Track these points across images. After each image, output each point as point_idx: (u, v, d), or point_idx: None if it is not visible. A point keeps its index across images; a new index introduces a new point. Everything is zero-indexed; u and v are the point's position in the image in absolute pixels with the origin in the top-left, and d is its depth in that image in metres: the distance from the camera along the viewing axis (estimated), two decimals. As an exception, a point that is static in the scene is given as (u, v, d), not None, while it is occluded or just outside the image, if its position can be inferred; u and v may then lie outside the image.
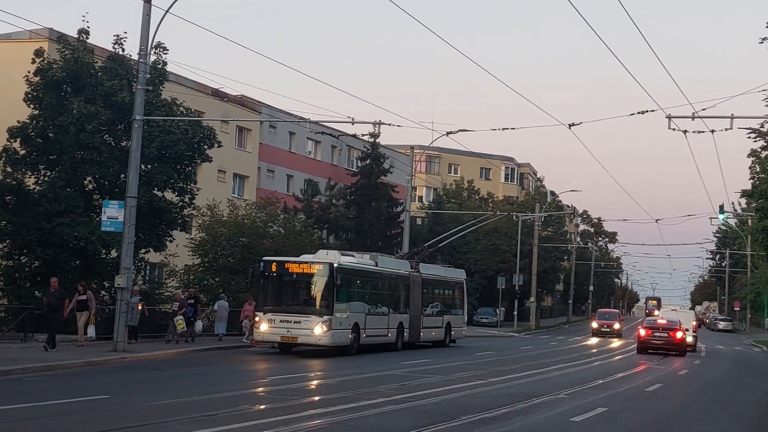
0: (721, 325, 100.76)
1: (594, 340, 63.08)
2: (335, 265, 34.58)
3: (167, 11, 29.94)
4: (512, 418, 18.43)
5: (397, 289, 40.88)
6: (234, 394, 20.23)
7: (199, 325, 38.35)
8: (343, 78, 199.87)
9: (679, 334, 46.32)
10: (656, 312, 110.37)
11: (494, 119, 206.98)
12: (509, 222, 79.60)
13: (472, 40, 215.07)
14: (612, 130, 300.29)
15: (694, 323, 56.77)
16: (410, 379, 25.56)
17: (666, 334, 46.36)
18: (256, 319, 35.07)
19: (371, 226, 68.09)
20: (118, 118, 36.14)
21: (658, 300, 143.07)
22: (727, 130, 32.44)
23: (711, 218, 70.45)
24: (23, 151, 36.35)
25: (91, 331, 33.08)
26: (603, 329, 71.12)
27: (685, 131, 33.45)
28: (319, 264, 34.94)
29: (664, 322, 48.21)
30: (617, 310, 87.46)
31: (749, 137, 45.54)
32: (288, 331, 34.13)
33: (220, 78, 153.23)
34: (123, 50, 37.23)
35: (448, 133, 45.87)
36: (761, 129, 44.03)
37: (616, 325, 72.26)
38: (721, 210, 60.09)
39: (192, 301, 37.77)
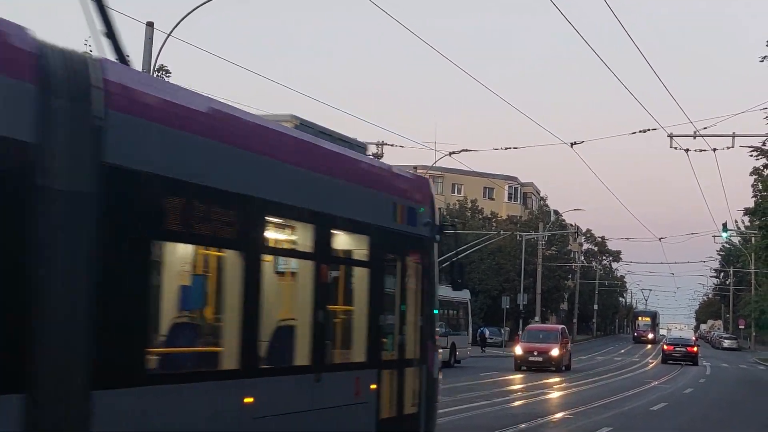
0: (726, 343, 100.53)
1: (518, 376, 40.35)
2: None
3: (169, 34, 29.93)
4: (517, 439, 18.32)
5: (401, 310, 40.64)
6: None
7: None
8: (346, 99, 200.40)
9: (694, 349, 62.11)
10: (650, 335, 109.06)
11: (497, 139, 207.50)
12: (513, 241, 79.55)
13: (475, 60, 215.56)
14: (614, 149, 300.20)
15: (694, 338, 73.99)
16: (415, 400, 25.40)
17: (684, 349, 61.88)
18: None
19: (375, 247, 67.98)
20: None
21: (653, 316, 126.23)
22: (728, 148, 32.49)
23: (714, 236, 69.79)
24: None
25: None
26: (532, 358, 44.11)
27: (686, 150, 33.38)
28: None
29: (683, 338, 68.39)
30: (560, 326, 51.91)
31: (751, 155, 45.71)
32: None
33: (224, 100, 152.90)
34: (126, 74, 37.34)
35: (450, 153, 45.79)
36: (763, 147, 44.17)
37: (555, 351, 44.15)
38: (725, 228, 59.96)
39: None
